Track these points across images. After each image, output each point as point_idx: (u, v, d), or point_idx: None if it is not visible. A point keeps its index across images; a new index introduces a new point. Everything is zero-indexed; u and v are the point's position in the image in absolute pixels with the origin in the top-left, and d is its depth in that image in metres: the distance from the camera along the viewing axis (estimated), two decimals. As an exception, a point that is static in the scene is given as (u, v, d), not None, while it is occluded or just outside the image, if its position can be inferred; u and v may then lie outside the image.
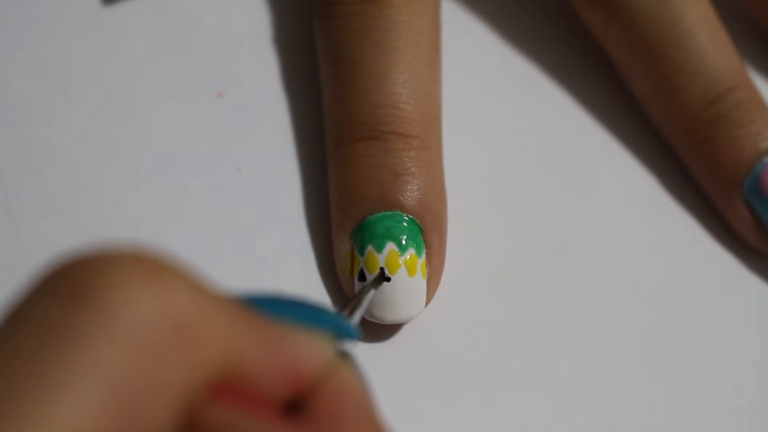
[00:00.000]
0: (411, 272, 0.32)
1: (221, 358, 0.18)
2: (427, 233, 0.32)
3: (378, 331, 0.32)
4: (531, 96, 0.38)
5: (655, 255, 0.35)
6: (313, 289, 0.33)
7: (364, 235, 0.32)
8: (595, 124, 0.38)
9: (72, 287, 0.16)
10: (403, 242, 0.32)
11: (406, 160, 0.32)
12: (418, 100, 0.33)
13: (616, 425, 0.32)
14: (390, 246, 0.31)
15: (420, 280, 0.32)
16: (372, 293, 0.31)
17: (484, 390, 0.32)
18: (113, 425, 0.16)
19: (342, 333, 0.21)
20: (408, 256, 0.32)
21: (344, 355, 0.20)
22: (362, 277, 0.32)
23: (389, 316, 0.31)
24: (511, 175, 0.36)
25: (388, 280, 0.31)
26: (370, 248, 0.32)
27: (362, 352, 0.32)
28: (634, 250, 0.35)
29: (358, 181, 0.32)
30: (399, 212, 0.32)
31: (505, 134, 0.37)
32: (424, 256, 0.32)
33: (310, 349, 0.19)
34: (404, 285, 0.31)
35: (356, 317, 0.27)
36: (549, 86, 0.38)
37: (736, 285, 0.35)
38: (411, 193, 0.32)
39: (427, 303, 0.32)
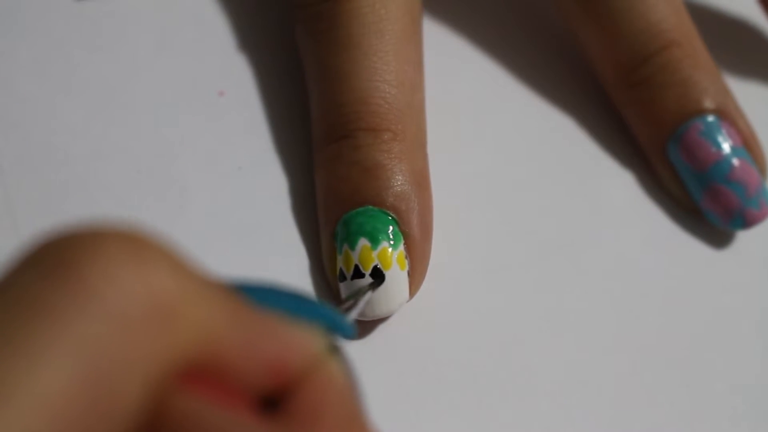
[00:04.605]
0: (385, 266, 0.31)
1: (199, 342, 0.18)
2: (403, 223, 0.32)
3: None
4: (532, 95, 0.38)
5: (655, 255, 0.35)
6: (314, 288, 0.33)
7: (341, 234, 0.32)
8: (596, 123, 0.38)
9: (55, 261, 0.17)
10: (376, 236, 0.31)
11: (376, 154, 0.32)
12: (386, 91, 0.33)
13: (615, 425, 0.32)
14: (362, 242, 0.31)
15: (397, 273, 0.31)
16: (369, 294, 0.30)
17: (483, 391, 0.32)
18: (83, 397, 0.16)
19: (334, 328, 0.21)
20: (380, 250, 0.31)
21: (334, 351, 0.20)
22: (342, 277, 0.31)
23: (368, 312, 0.31)
24: (510, 174, 0.36)
25: (380, 280, 0.31)
26: (345, 247, 0.31)
27: (362, 351, 0.32)
28: (634, 250, 0.35)
29: (334, 182, 0.32)
30: (372, 207, 0.32)
31: (505, 134, 0.37)
32: (401, 247, 0.32)
33: (297, 343, 0.19)
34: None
35: (351, 315, 0.27)
36: (550, 86, 0.38)
37: (736, 286, 0.35)
38: (382, 185, 0.32)
39: (412, 294, 0.32)
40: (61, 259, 0.17)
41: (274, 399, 0.19)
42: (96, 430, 0.16)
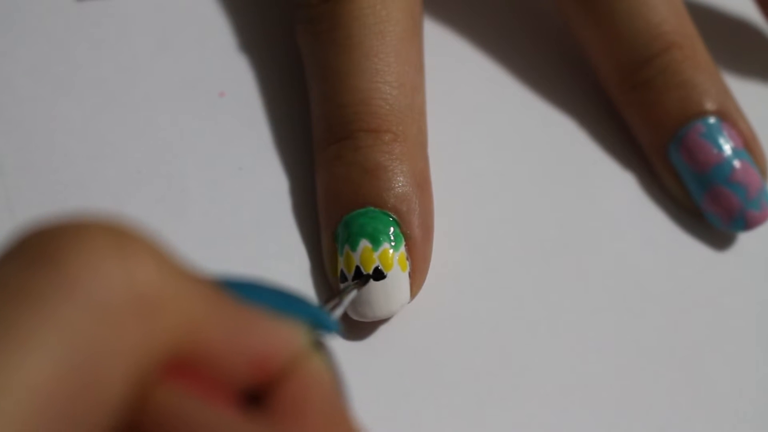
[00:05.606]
0: (386, 267, 0.31)
1: (181, 335, 0.18)
2: (404, 225, 0.32)
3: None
4: (532, 96, 0.38)
5: (656, 256, 0.35)
6: (314, 289, 0.33)
7: (341, 235, 0.32)
8: (597, 124, 0.38)
9: (40, 252, 0.17)
10: (377, 237, 0.31)
11: (377, 155, 0.32)
12: (387, 93, 0.33)
13: (615, 426, 0.32)
14: (364, 243, 0.31)
15: (398, 274, 0.31)
16: (354, 293, 0.31)
17: (483, 391, 0.32)
18: (67, 386, 0.16)
19: (319, 325, 0.21)
20: (381, 251, 0.31)
21: (319, 347, 0.20)
22: (344, 278, 0.31)
23: (369, 313, 0.31)
24: (511, 175, 0.36)
25: (374, 278, 0.31)
26: (346, 248, 0.31)
27: (363, 351, 0.32)
28: (635, 251, 0.35)
29: (335, 182, 0.32)
30: (373, 208, 0.32)
31: (506, 135, 0.37)
32: (402, 248, 0.32)
33: (281, 337, 0.19)
34: (380, 280, 0.31)
35: (337, 312, 0.27)
36: (551, 86, 0.38)
37: (737, 287, 0.35)
38: (383, 186, 0.32)
39: (412, 296, 0.32)
40: (44, 250, 0.17)
41: (258, 394, 0.19)
42: (80, 420, 0.16)
